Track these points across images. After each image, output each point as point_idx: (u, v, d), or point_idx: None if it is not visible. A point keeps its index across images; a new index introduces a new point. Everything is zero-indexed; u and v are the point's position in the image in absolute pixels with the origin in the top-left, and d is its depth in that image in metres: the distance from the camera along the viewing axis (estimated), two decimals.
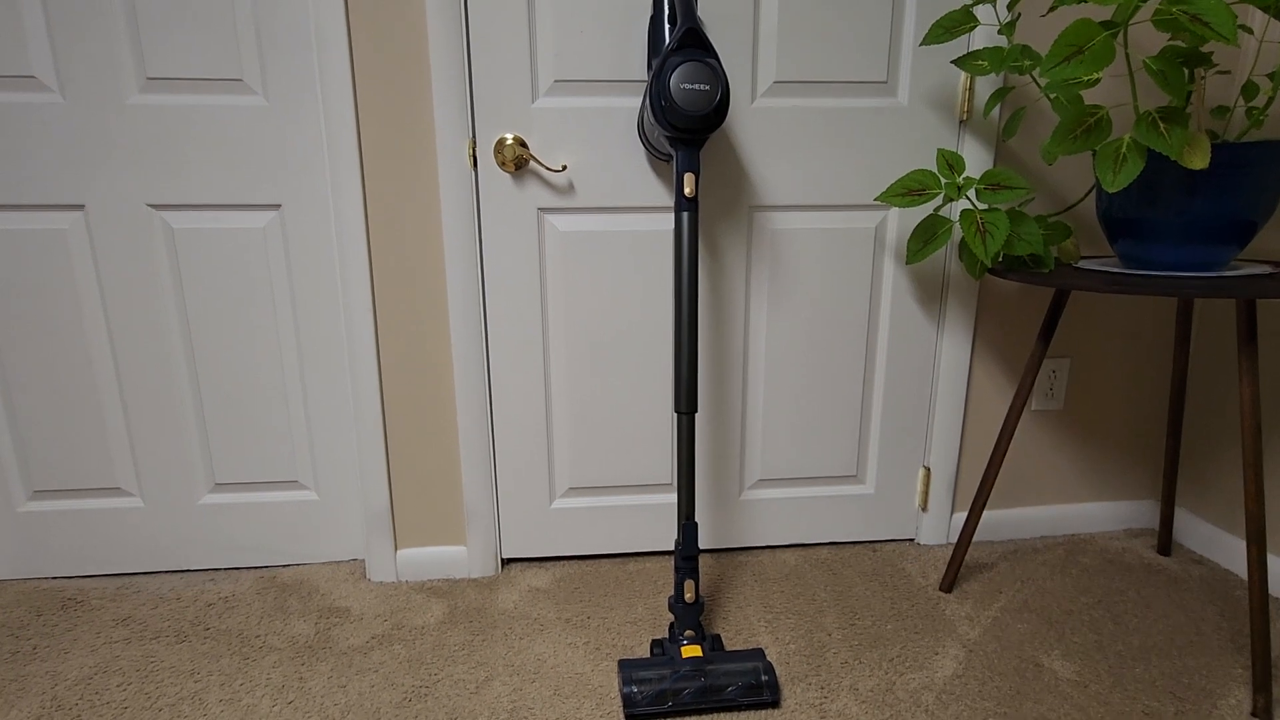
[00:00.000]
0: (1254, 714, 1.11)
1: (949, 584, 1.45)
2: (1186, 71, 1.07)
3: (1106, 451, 1.66)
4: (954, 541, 1.64)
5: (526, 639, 1.31)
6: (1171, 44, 1.07)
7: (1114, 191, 1.09)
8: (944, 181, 1.24)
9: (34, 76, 1.25)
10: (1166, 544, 1.58)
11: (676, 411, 1.18)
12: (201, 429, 1.46)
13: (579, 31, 1.29)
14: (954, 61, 1.28)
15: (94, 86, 1.27)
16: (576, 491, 1.55)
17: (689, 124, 1.08)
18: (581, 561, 1.58)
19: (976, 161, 1.42)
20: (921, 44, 1.28)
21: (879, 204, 1.44)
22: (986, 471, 1.39)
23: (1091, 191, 1.38)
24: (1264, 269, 1.19)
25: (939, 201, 1.41)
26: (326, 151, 1.31)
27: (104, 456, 1.45)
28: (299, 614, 1.38)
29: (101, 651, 1.28)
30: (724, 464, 1.56)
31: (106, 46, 1.25)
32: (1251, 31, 1.11)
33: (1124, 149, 1.04)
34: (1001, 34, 1.23)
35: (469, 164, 1.33)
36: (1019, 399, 1.34)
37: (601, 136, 1.34)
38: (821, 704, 1.14)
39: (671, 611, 1.23)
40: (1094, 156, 1.08)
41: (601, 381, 1.48)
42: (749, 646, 1.28)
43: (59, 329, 1.38)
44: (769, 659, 1.22)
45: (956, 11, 1.23)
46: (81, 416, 1.43)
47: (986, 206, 1.23)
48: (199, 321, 1.40)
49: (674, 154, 1.14)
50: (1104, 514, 1.69)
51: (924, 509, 1.63)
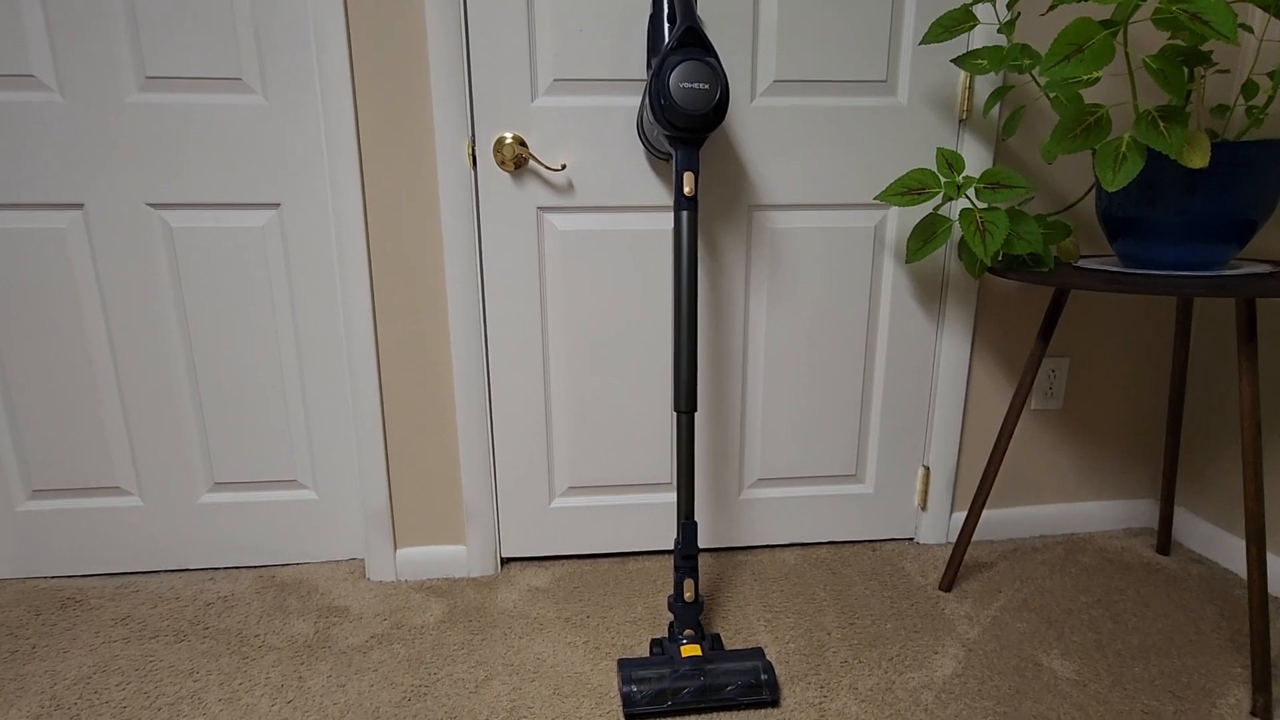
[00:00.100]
0: (1253, 713, 1.11)
1: (948, 583, 1.45)
2: (1186, 70, 1.07)
3: (1106, 451, 1.66)
4: (953, 541, 1.65)
5: (526, 638, 1.31)
6: (1171, 43, 1.07)
7: (1113, 190, 1.09)
8: (943, 180, 1.24)
9: (33, 75, 1.25)
10: (1166, 543, 1.58)
11: (676, 410, 1.18)
12: (201, 428, 1.46)
13: (578, 30, 1.29)
14: (953, 60, 1.28)
15: (93, 85, 1.26)
16: (576, 491, 1.55)
17: (688, 123, 1.07)
18: (581, 561, 1.58)
19: (976, 160, 1.42)
20: (921, 43, 1.28)
21: (878, 203, 1.44)
22: (986, 471, 1.39)
23: (1091, 190, 1.38)
24: (1264, 268, 1.19)
25: (938, 200, 1.41)
26: (326, 150, 1.31)
27: (103, 456, 1.45)
28: (298, 613, 1.38)
29: (100, 651, 1.27)
30: (723, 463, 1.56)
31: (106, 45, 1.25)
32: (1251, 30, 1.11)
33: (1124, 148, 1.04)
34: (1001, 33, 1.23)
35: (468, 163, 1.32)
36: (1018, 398, 1.34)
37: (601, 135, 1.34)
38: (821, 703, 1.14)
39: (671, 611, 1.23)
40: (1094, 155, 1.08)
41: (601, 380, 1.48)
42: (748, 646, 1.28)
43: (58, 328, 1.38)
44: (768, 658, 1.22)
45: (956, 10, 1.23)
46: (80, 415, 1.42)
47: (986, 205, 1.23)
48: (198, 320, 1.40)
49: (673, 153, 1.13)
50: (1103, 513, 1.69)
51: (923, 508, 1.63)
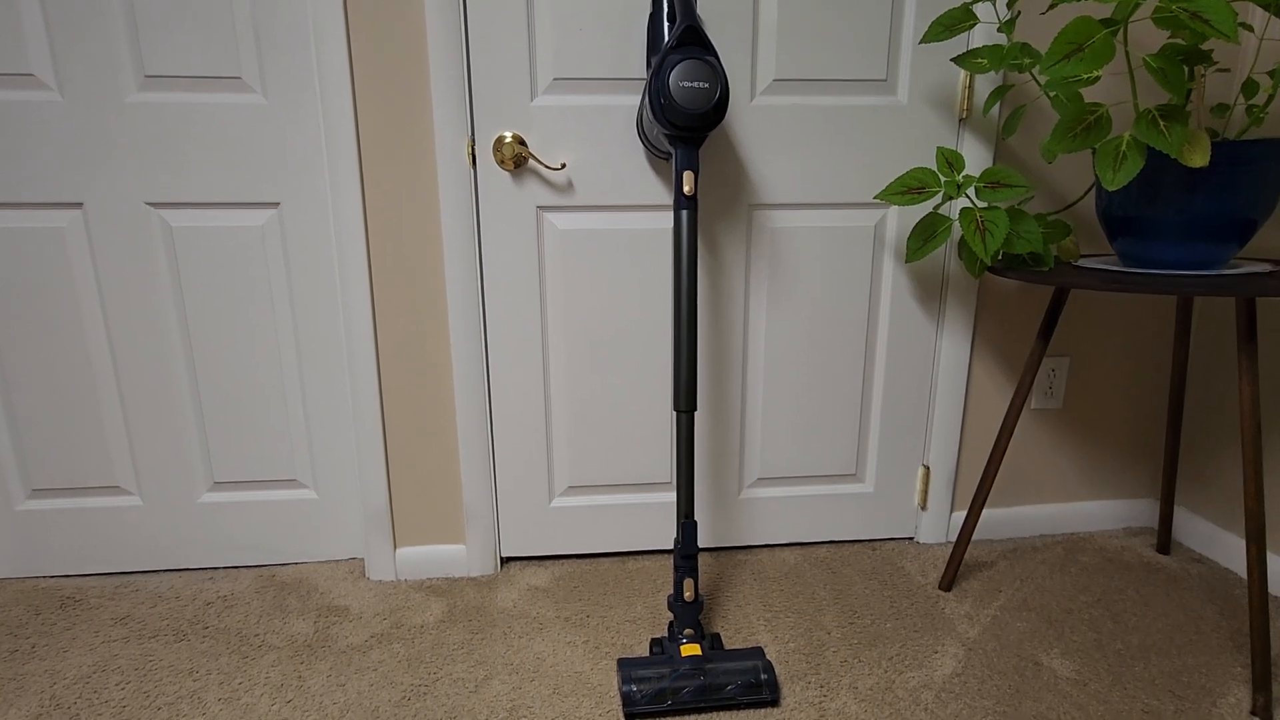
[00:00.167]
0: (1253, 712, 1.11)
1: (948, 582, 1.45)
2: (1186, 69, 1.07)
3: (1106, 450, 1.66)
4: (953, 540, 1.64)
5: (526, 638, 1.31)
6: (1171, 41, 1.07)
7: (1114, 190, 1.09)
8: (943, 179, 1.24)
9: (32, 75, 1.25)
10: (1166, 542, 1.58)
11: (676, 410, 1.18)
12: (200, 427, 1.46)
13: (578, 29, 1.29)
14: (954, 59, 1.28)
15: (92, 85, 1.26)
16: (576, 490, 1.55)
17: (688, 122, 1.07)
18: (581, 560, 1.58)
19: (976, 159, 1.42)
20: (921, 42, 1.27)
21: (878, 202, 1.44)
22: (986, 470, 1.39)
23: (1091, 190, 1.38)
24: (1264, 267, 1.19)
25: (938, 200, 1.41)
26: (325, 150, 1.31)
27: (103, 455, 1.45)
28: (298, 613, 1.38)
29: (100, 650, 1.27)
30: (723, 462, 1.56)
31: (105, 45, 1.25)
32: (1252, 29, 1.11)
33: (1124, 147, 1.03)
34: (1001, 32, 1.23)
35: (468, 162, 1.32)
36: (1018, 397, 1.34)
37: (601, 134, 1.34)
38: (821, 702, 1.14)
39: (671, 610, 1.23)
40: (1094, 154, 1.08)
41: (601, 380, 1.48)
42: (748, 645, 1.28)
43: (57, 327, 1.38)
44: (768, 657, 1.22)
45: (956, 9, 1.22)
46: (80, 415, 1.42)
47: (986, 205, 1.23)
48: (198, 320, 1.40)
49: (673, 152, 1.13)
50: (1103, 512, 1.69)
51: (923, 508, 1.63)
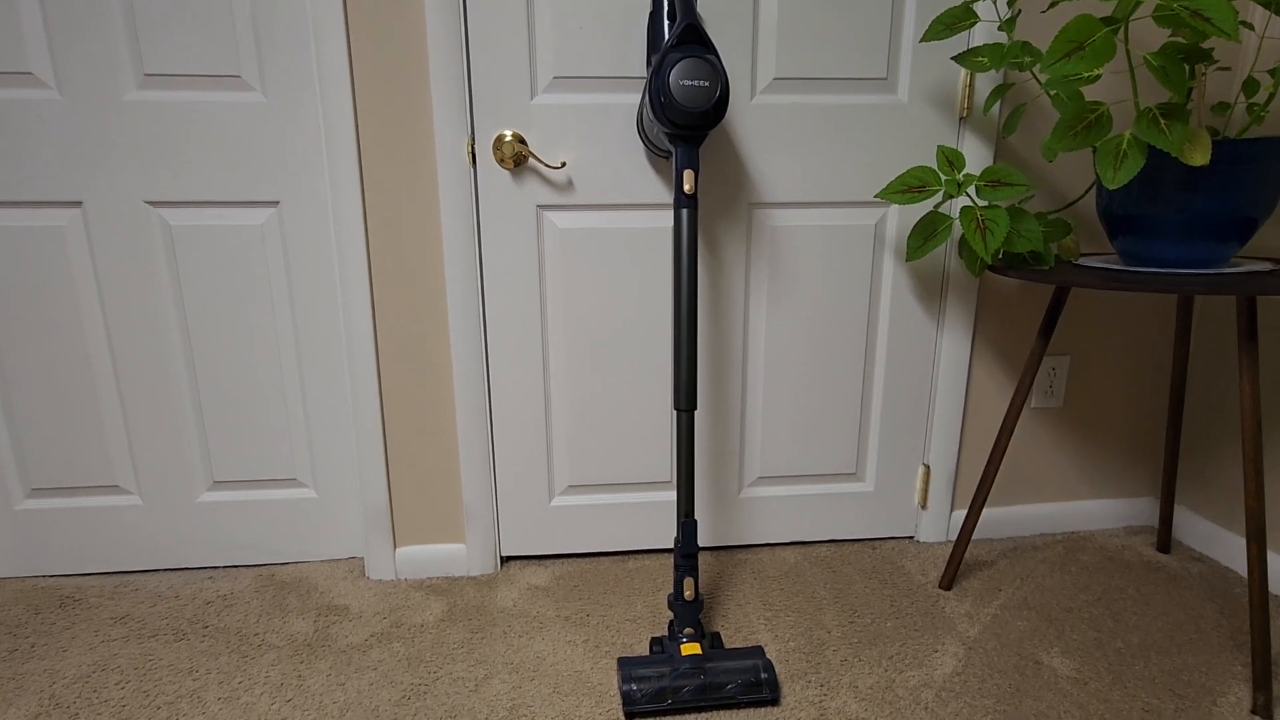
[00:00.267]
0: (1254, 711, 1.11)
1: (948, 581, 1.45)
2: (1187, 67, 1.07)
3: (1106, 449, 1.66)
4: (953, 539, 1.64)
5: (526, 637, 1.31)
6: (1172, 40, 1.06)
7: (1114, 188, 1.09)
8: (944, 178, 1.23)
9: (31, 73, 1.25)
10: (1166, 541, 1.58)
11: (676, 409, 1.18)
12: (200, 427, 1.45)
13: (578, 28, 1.29)
14: (954, 58, 1.27)
15: (92, 83, 1.26)
16: (576, 489, 1.55)
17: (688, 120, 1.07)
18: (581, 559, 1.58)
19: (976, 158, 1.42)
20: (921, 40, 1.27)
21: (879, 201, 1.44)
22: (986, 469, 1.39)
23: (1092, 188, 1.38)
24: (1264, 266, 1.19)
25: (939, 198, 1.41)
26: (325, 149, 1.31)
27: (102, 454, 1.45)
28: (298, 612, 1.38)
29: (100, 649, 1.27)
30: (723, 461, 1.55)
31: (104, 43, 1.25)
32: (1252, 27, 1.11)
33: (1124, 145, 1.03)
34: (1002, 30, 1.23)
35: (468, 161, 1.32)
36: (1018, 396, 1.34)
37: (601, 133, 1.34)
38: (821, 701, 1.14)
39: (671, 609, 1.23)
40: (1094, 153, 1.08)
41: (601, 379, 1.48)
42: (748, 644, 1.28)
43: (57, 326, 1.37)
44: (768, 656, 1.22)
45: (956, 8, 1.22)
46: (79, 414, 1.42)
47: (986, 203, 1.23)
48: (197, 319, 1.40)
49: (673, 151, 1.13)
50: (1103, 511, 1.69)
51: (923, 507, 1.63)
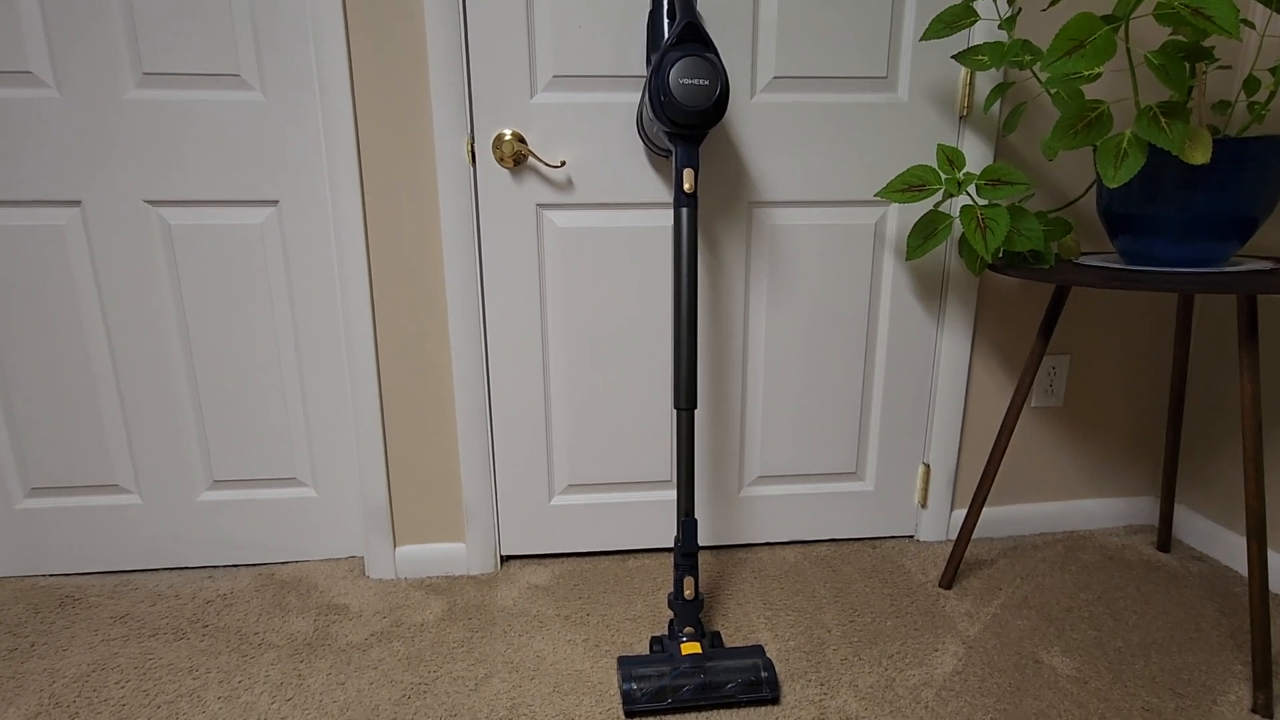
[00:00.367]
0: (1254, 710, 1.11)
1: (949, 580, 1.45)
2: (1188, 66, 1.07)
3: (1106, 448, 1.66)
4: (953, 538, 1.64)
5: (526, 636, 1.30)
6: (1173, 38, 1.06)
7: (1115, 187, 1.08)
8: (944, 177, 1.23)
9: (30, 72, 1.25)
10: (1166, 540, 1.58)
11: (676, 408, 1.18)
12: (200, 426, 1.45)
13: (578, 26, 1.29)
14: (954, 57, 1.27)
15: (91, 82, 1.26)
16: (576, 488, 1.54)
17: (688, 119, 1.07)
18: (581, 558, 1.58)
19: (977, 157, 1.42)
20: (921, 39, 1.27)
21: (879, 200, 1.44)
22: (986, 468, 1.39)
23: (1092, 187, 1.37)
24: (1265, 265, 1.19)
25: (939, 197, 1.41)
26: (324, 148, 1.31)
27: (102, 453, 1.45)
28: (298, 611, 1.38)
29: (100, 649, 1.27)
30: (723, 460, 1.55)
31: (104, 42, 1.24)
32: (1253, 26, 1.10)
33: (1125, 144, 1.03)
34: (1002, 29, 1.23)
35: (467, 160, 1.32)
36: (1019, 395, 1.34)
37: (600, 132, 1.34)
38: (821, 700, 1.14)
39: (671, 608, 1.23)
40: (1095, 152, 1.08)
41: (601, 378, 1.48)
42: (749, 643, 1.28)
43: (56, 326, 1.37)
44: (768, 655, 1.22)
45: (957, 6, 1.22)
46: (79, 413, 1.42)
47: (987, 202, 1.23)
48: (197, 318, 1.39)
49: (673, 150, 1.13)
50: (1104, 510, 1.69)
51: (924, 506, 1.63)
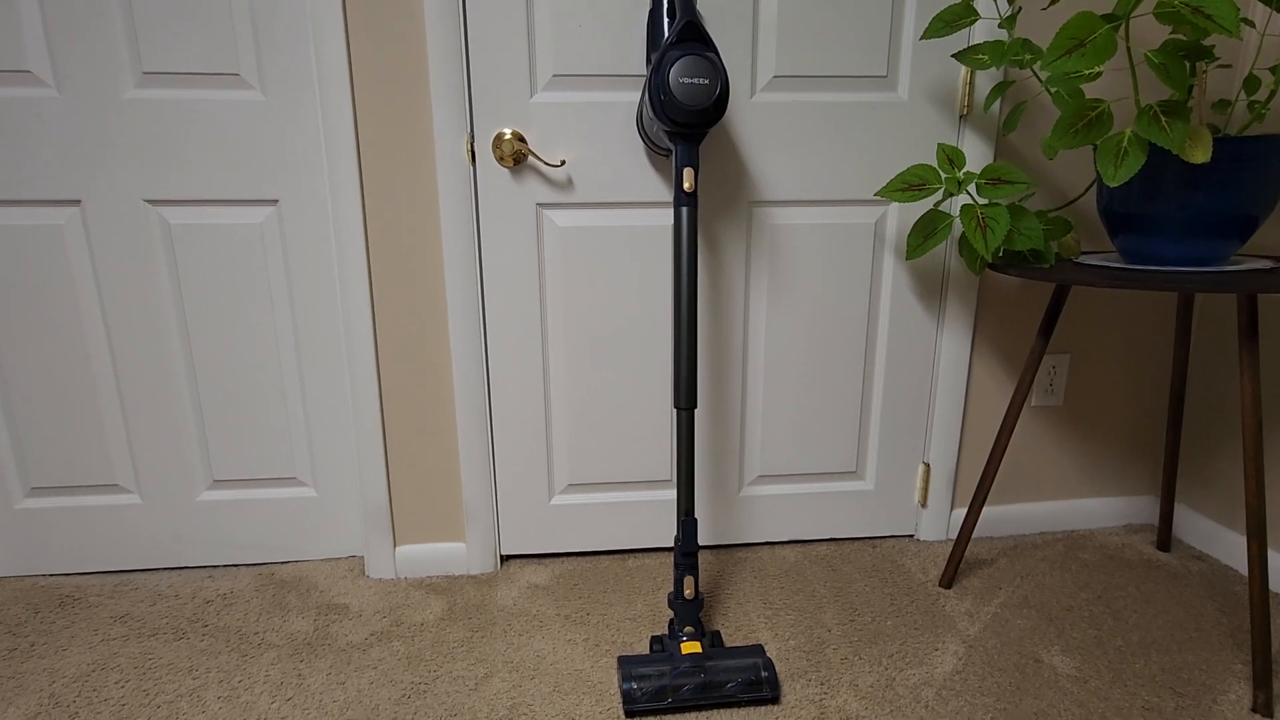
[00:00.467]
0: (1254, 709, 1.11)
1: (949, 580, 1.45)
2: (1188, 65, 1.07)
3: (1106, 447, 1.66)
4: (954, 537, 1.64)
5: (526, 635, 1.30)
6: (1173, 37, 1.06)
7: (1115, 186, 1.08)
8: (944, 176, 1.23)
9: (30, 71, 1.25)
10: (1166, 540, 1.58)
11: (676, 407, 1.18)
12: (199, 426, 1.45)
13: (577, 26, 1.29)
14: (954, 56, 1.27)
15: (90, 81, 1.26)
16: (576, 488, 1.54)
17: (688, 118, 1.07)
18: (581, 558, 1.58)
19: (977, 156, 1.42)
20: (921, 38, 1.27)
21: (879, 199, 1.44)
22: (986, 467, 1.39)
23: (1092, 186, 1.37)
24: (1265, 264, 1.19)
25: (939, 196, 1.41)
26: (324, 147, 1.30)
27: (101, 453, 1.45)
28: (297, 611, 1.38)
29: (99, 649, 1.27)
30: (723, 460, 1.55)
31: (103, 41, 1.24)
32: (1253, 25, 1.10)
33: (1125, 143, 1.03)
34: (1002, 28, 1.23)
35: (467, 159, 1.32)
36: (1019, 395, 1.34)
37: (600, 131, 1.34)
38: (821, 700, 1.14)
39: (671, 608, 1.23)
40: (1095, 151, 1.08)
41: (601, 377, 1.48)
42: (749, 643, 1.28)
43: (56, 325, 1.37)
44: (769, 655, 1.22)
45: (957, 5, 1.22)
46: (79, 413, 1.42)
47: (987, 201, 1.23)
48: (196, 318, 1.39)
49: (673, 149, 1.13)
50: (1104, 510, 1.69)
51: (924, 505, 1.63)
